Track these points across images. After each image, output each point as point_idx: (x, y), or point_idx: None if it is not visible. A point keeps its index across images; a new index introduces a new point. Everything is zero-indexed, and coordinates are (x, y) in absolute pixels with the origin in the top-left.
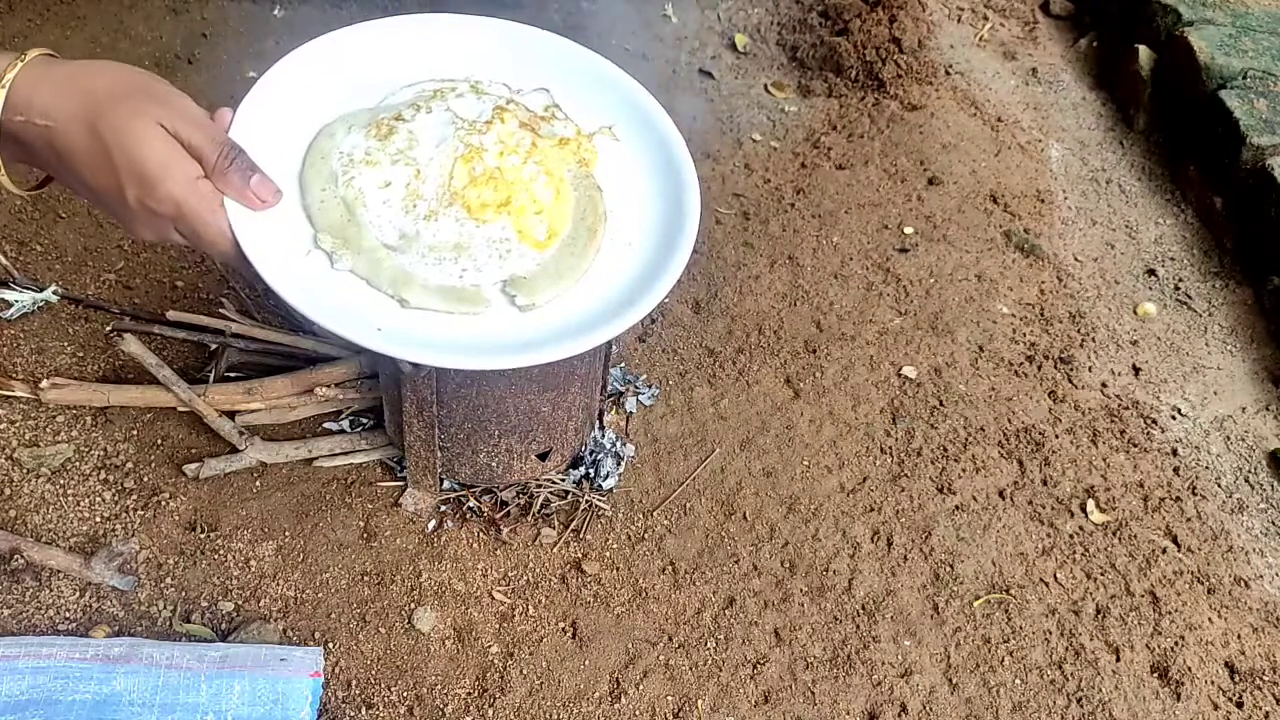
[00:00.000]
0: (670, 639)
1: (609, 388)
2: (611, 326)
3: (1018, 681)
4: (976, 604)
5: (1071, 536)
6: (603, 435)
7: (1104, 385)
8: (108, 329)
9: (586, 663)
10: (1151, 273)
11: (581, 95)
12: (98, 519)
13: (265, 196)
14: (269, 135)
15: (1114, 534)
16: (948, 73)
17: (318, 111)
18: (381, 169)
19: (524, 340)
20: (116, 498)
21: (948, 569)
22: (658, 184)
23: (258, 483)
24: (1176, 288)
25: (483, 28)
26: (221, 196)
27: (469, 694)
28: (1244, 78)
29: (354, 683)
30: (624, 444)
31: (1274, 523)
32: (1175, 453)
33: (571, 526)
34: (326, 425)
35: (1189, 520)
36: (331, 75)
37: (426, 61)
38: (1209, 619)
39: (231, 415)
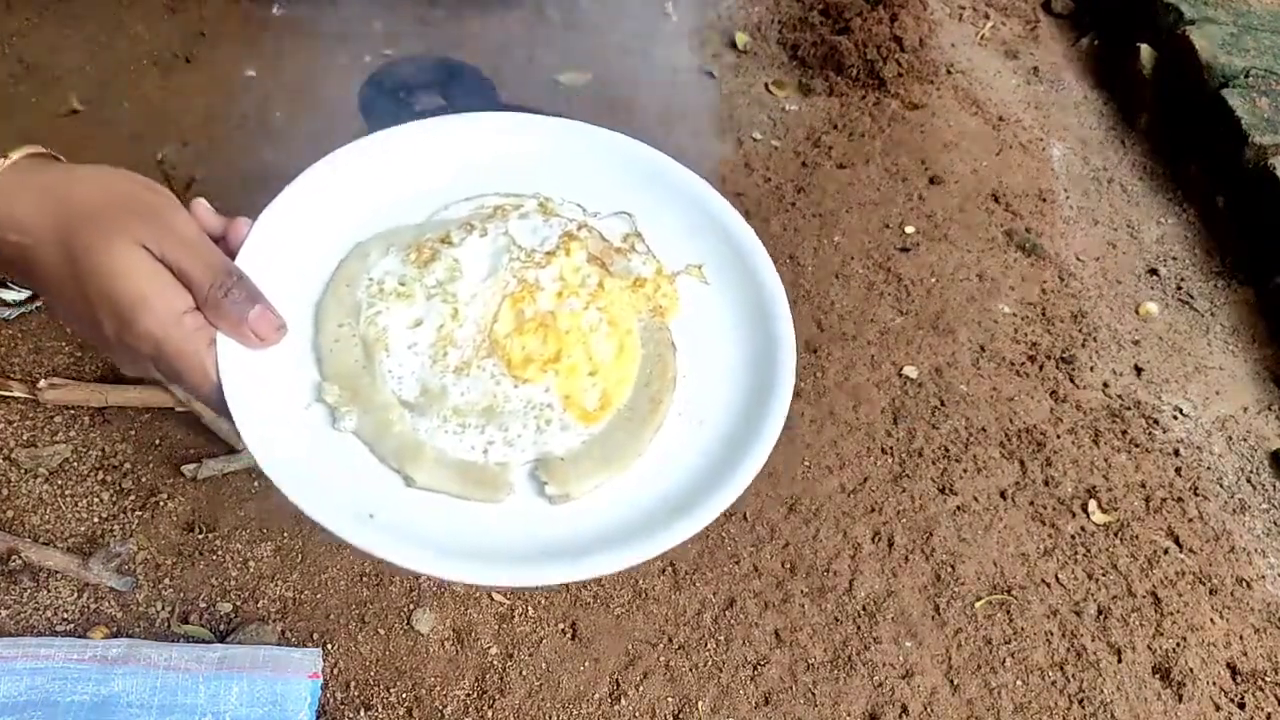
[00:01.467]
0: (670, 640)
1: None
2: (664, 536)
3: (1019, 682)
4: (978, 605)
5: (1073, 537)
6: None
7: (1106, 385)
8: None
9: (586, 664)
10: (1153, 272)
11: (668, 223)
12: (95, 519)
13: (265, 333)
14: (292, 253)
15: (1116, 534)
16: (949, 72)
17: (356, 226)
18: (414, 304)
19: (545, 547)
20: (114, 498)
21: (949, 570)
22: (745, 345)
23: (256, 483)
24: (1178, 287)
25: (567, 133)
26: (211, 333)
27: (468, 695)
28: (1246, 76)
29: (353, 684)
30: None
31: (1276, 523)
32: (1177, 453)
33: None
34: None
35: (1191, 521)
36: (380, 180)
37: (494, 169)
38: (1211, 620)
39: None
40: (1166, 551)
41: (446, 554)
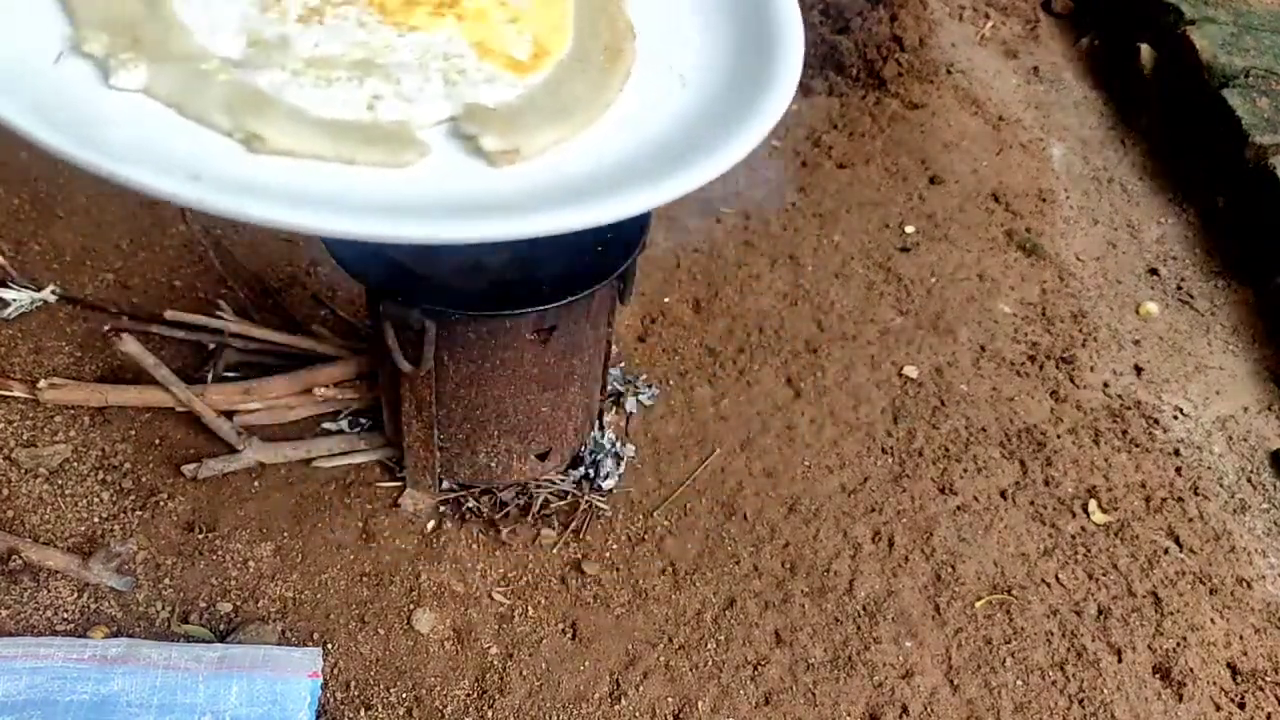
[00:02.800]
0: (670, 640)
1: (609, 388)
2: (662, 187)
3: (1019, 682)
4: (978, 605)
5: (1073, 537)
6: (602, 435)
7: (1106, 385)
8: (105, 329)
9: (586, 664)
10: (1153, 272)
11: None
12: (96, 519)
13: None
14: None
15: (1116, 534)
16: (949, 71)
17: None
18: None
19: (498, 200)
20: (114, 498)
21: (949, 570)
22: None
23: (256, 483)
24: (1178, 287)
25: None
26: None
27: (468, 695)
28: (1246, 76)
29: (353, 683)
30: (624, 444)
31: (1276, 523)
32: (1177, 453)
33: (571, 527)
34: (325, 425)
35: (1191, 521)
36: None
37: None
38: (1211, 619)
39: (230, 415)
40: (1167, 551)
41: (339, 208)
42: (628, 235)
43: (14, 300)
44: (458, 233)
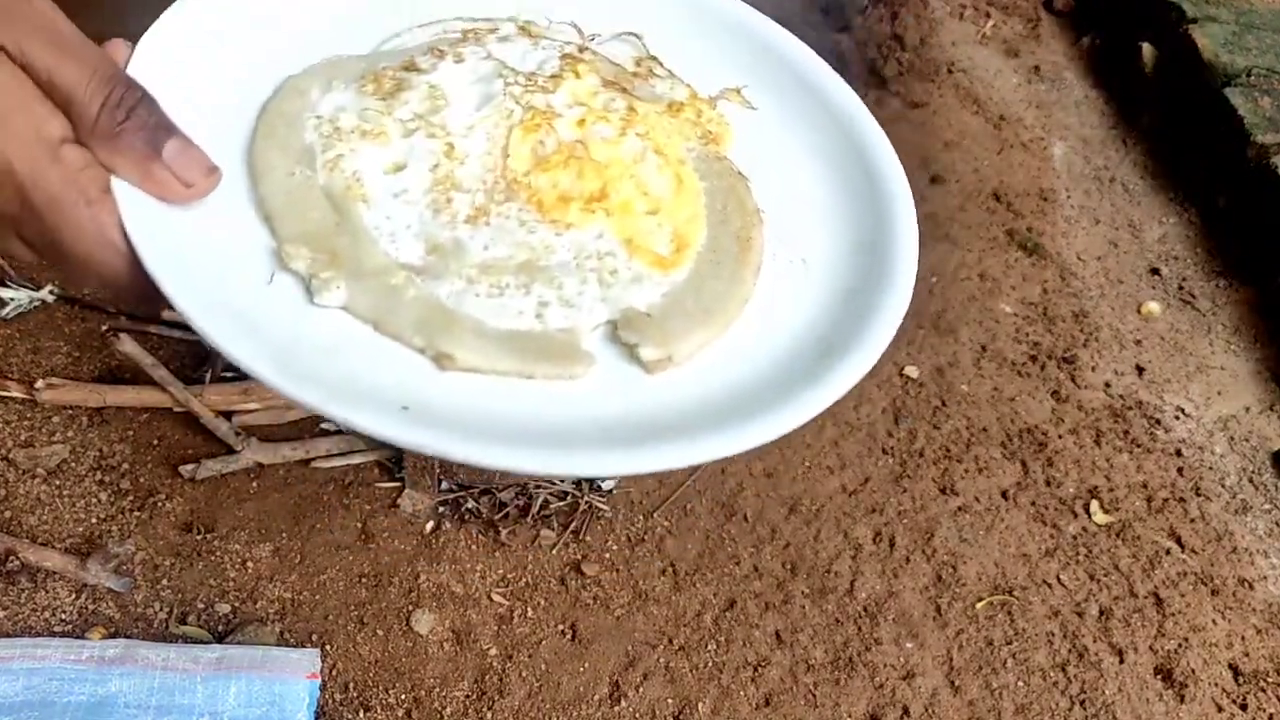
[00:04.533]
0: (670, 641)
1: None
2: (814, 397)
3: (1020, 684)
4: (979, 606)
5: (1075, 538)
6: None
7: (1107, 385)
8: (104, 328)
9: (586, 665)
10: (1155, 272)
11: (694, 44)
12: (94, 520)
13: (191, 176)
14: (197, 85)
15: (1117, 535)
16: (950, 70)
17: (279, 56)
18: (390, 144)
19: (662, 421)
20: (112, 499)
21: (950, 570)
22: (828, 165)
23: (254, 484)
24: (1180, 287)
25: None
26: (105, 177)
27: (467, 696)
28: (1248, 75)
29: (351, 685)
30: None
31: (1278, 523)
32: (1179, 453)
33: (571, 528)
34: (324, 425)
35: (1193, 521)
36: (311, 5)
37: None
38: (1213, 620)
39: (228, 415)
40: (1168, 552)
41: (529, 440)
42: None
43: (12, 299)
44: (652, 464)
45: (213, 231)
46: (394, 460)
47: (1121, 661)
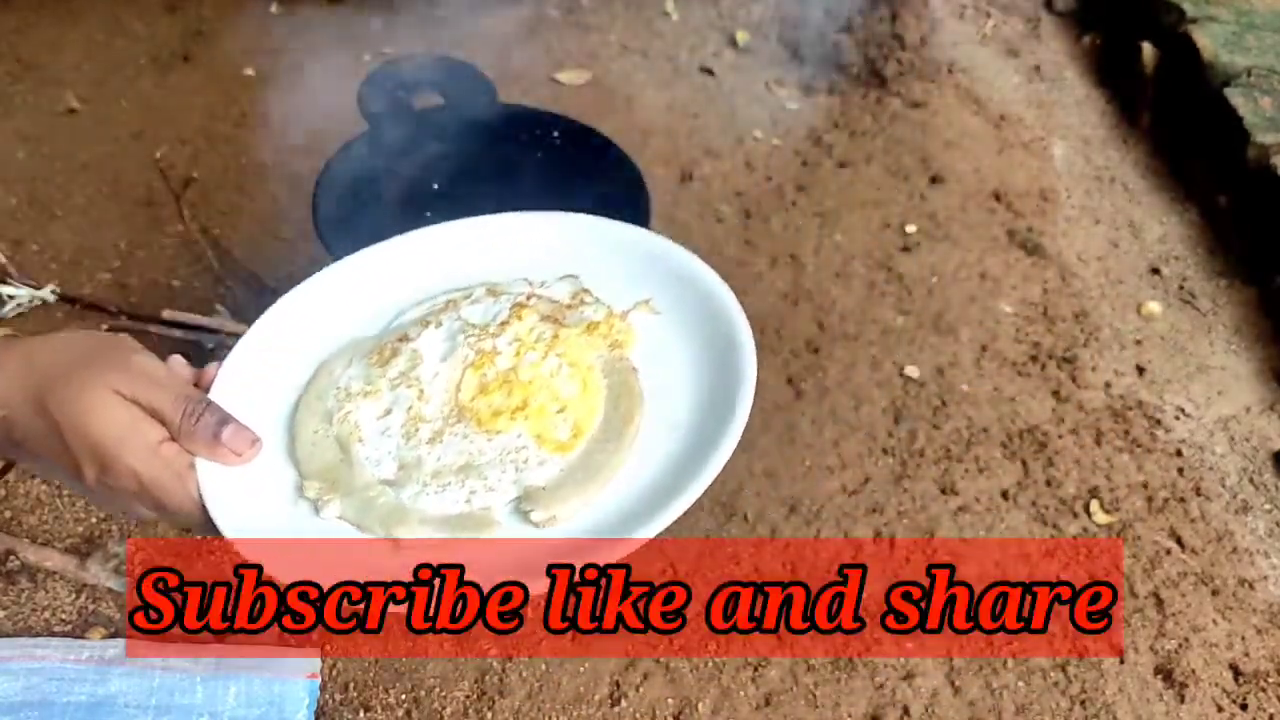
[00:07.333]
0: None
1: None
2: (643, 528)
3: (1021, 684)
4: (979, 605)
5: (1075, 538)
6: None
7: (1108, 385)
8: (104, 327)
9: (586, 665)
10: (1156, 271)
11: (618, 273)
12: (93, 520)
13: (240, 448)
14: (260, 383)
15: (1118, 535)
16: (950, 70)
17: (319, 349)
18: (381, 397)
19: (524, 562)
20: None
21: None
22: (707, 350)
23: None
24: (1181, 287)
25: (501, 226)
26: (189, 458)
27: (467, 697)
28: (1249, 75)
29: (351, 685)
30: None
31: (1278, 524)
32: (1179, 453)
33: None
34: None
35: (1193, 521)
36: (337, 306)
37: (443, 272)
38: (1213, 620)
39: None
40: (1169, 552)
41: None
42: None
43: (13, 299)
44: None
45: (259, 480)
46: None
47: (1121, 661)
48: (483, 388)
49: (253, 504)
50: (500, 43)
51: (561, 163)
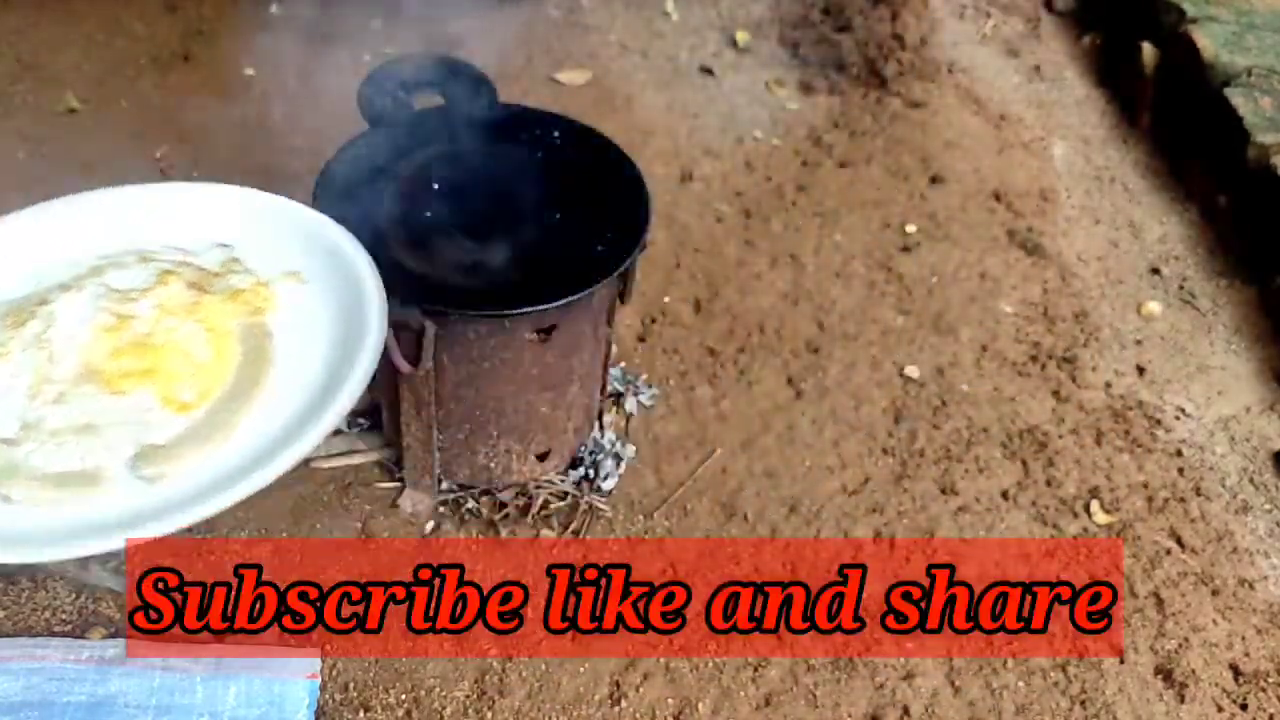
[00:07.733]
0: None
1: (609, 388)
2: (234, 490)
3: (1021, 684)
4: (979, 605)
5: (1075, 538)
6: (602, 436)
7: (1108, 385)
8: None
9: (586, 666)
10: (1156, 271)
11: (272, 245)
12: None
13: None
14: None
15: (1118, 535)
16: (950, 70)
17: None
18: (11, 360)
19: (122, 517)
20: None
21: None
22: (344, 316)
23: None
24: (1181, 287)
25: (162, 195)
26: None
27: (467, 697)
28: (1249, 75)
29: (351, 685)
30: (624, 444)
31: (1278, 524)
32: (1180, 453)
33: (571, 528)
34: None
35: (1193, 521)
36: None
37: (96, 238)
38: (1213, 620)
39: None
40: (1169, 552)
41: (50, 541)
42: (628, 234)
43: None
44: (76, 549)
45: None
46: (394, 461)
47: (1121, 661)
48: (115, 351)
49: None
50: (500, 43)
51: (561, 163)
